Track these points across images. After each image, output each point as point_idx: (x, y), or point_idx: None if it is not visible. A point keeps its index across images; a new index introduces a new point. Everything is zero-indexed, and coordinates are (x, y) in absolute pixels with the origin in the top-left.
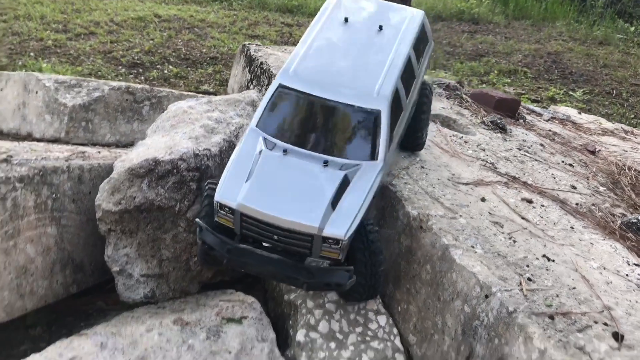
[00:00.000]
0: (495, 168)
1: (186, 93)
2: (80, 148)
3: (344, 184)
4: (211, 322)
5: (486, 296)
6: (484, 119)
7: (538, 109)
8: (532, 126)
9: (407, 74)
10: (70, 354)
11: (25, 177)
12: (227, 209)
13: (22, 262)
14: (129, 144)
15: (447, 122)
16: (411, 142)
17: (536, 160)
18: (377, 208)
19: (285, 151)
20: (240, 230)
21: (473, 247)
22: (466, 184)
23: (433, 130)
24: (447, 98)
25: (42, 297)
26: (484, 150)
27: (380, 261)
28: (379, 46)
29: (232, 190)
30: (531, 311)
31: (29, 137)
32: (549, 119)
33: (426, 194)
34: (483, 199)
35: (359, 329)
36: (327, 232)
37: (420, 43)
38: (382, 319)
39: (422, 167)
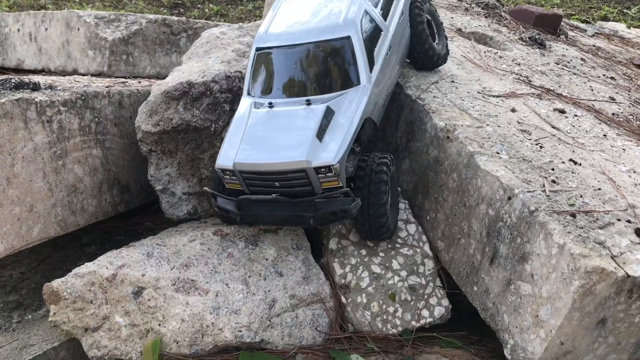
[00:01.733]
0: (530, 81)
1: (221, 24)
2: (122, 80)
3: (328, 114)
4: (249, 233)
5: (509, 198)
6: (522, 35)
7: (582, 25)
8: (574, 42)
9: (380, 1)
10: (119, 261)
11: (69, 100)
12: (229, 173)
13: (71, 180)
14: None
15: (483, 39)
16: (422, 58)
17: (575, 74)
18: (405, 122)
19: (270, 105)
20: (248, 188)
21: (498, 153)
22: (497, 96)
23: (467, 47)
24: (485, 17)
25: (92, 215)
26: (519, 64)
27: (381, 201)
28: None
29: (229, 155)
30: (552, 210)
31: (74, 74)
32: (594, 35)
33: (454, 106)
34: (513, 110)
35: None
36: (317, 162)
37: None
38: (412, 227)
39: (452, 81)
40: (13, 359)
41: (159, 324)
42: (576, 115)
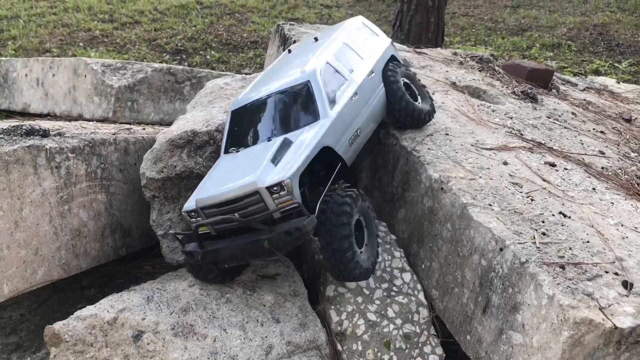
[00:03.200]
0: (522, 135)
1: (224, 73)
2: (126, 126)
3: (285, 144)
4: (247, 279)
5: (501, 249)
6: (514, 89)
7: (573, 79)
8: (565, 96)
9: (346, 55)
10: (120, 305)
11: (77, 147)
12: (194, 214)
13: (76, 225)
14: (172, 123)
15: (476, 93)
16: (403, 115)
17: (565, 127)
18: (401, 172)
19: (237, 150)
20: (213, 228)
21: (490, 205)
22: (489, 149)
23: (461, 100)
24: (480, 70)
25: (94, 258)
26: (511, 118)
27: (343, 234)
28: (311, 49)
29: (192, 198)
30: (542, 261)
31: (79, 119)
32: (584, 89)
33: (448, 158)
34: (505, 163)
35: (384, 285)
36: (268, 181)
37: (361, 35)
38: (407, 276)
39: (447, 134)
40: None
41: None
42: (566, 169)
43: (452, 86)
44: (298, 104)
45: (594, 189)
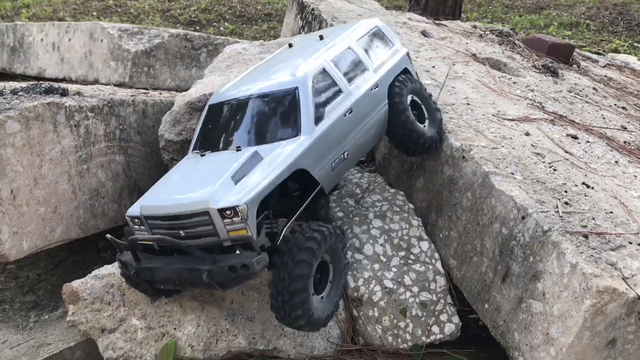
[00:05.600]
0: (543, 107)
1: (240, 41)
2: (143, 90)
3: (253, 159)
4: None
5: (523, 217)
6: (535, 63)
7: (594, 56)
8: (586, 72)
9: (349, 63)
10: None
11: (96, 107)
12: (138, 221)
13: (94, 185)
14: (188, 89)
15: (497, 65)
16: (406, 140)
17: (587, 102)
18: None
19: (203, 154)
20: (157, 244)
21: (512, 174)
22: (511, 119)
23: (482, 72)
24: (499, 44)
25: (112, 219)
26: (532, 91)
27: (299, 273)
28: (313, 49)
29: (139, 202)
30: (565, 230)
31: (95, 84)
32: (605, 66)
33: (470, 127)
34: (527, 133)
35: (402, 253)
36: (222, 203)
37: (372, 42)
38: (425, 245)
39: (468, 104)
40: (30, 357)
41: (175, 328)
42: (588, 142)
43: (472, 57)
44: (280, 112)
45: (616, 162)
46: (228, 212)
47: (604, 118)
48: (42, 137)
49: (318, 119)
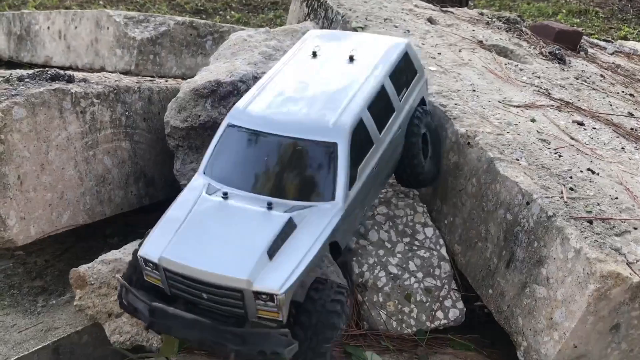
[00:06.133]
0: (549, 94)
1: (246, 29)
2: (149, 78)
3: (288, 228)
4: None
5: (527, 203)
6: (542, 49)
7: (602, 43)
8: (593, 58)
9: (381, 106)
10: None
11: (102, 93)
12: (152, 265)
13: (100, 171)
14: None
15: (503, 52)
16: (407, 173)
17: (594, 89)
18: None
19: (225, 195)
20: (170, 290)
21: (517, 159)
22: (517, 106)
23: (488, 58)
24: (506, 31)
25: (118, 205)
26: (539, 77)
27: (327, 337)
28: (345, 78)
29: (158, 244)
30: (570, 215)
31: (102, 71)
32: (613, 53)
33: (475, 113)
34: (533, 120)
35: (406, 239)
36: (258, 285)
37: (401, 74)
38: (429, 231)
39: (474, 90)
40: (38, 341)
41: None
42: (594, 128)
43: (479, 44)
44: (314, 166)
45: (622, 148)
46: (264, 295)
47: (611, 105)
48: (48, 123)
49: (352, 181)
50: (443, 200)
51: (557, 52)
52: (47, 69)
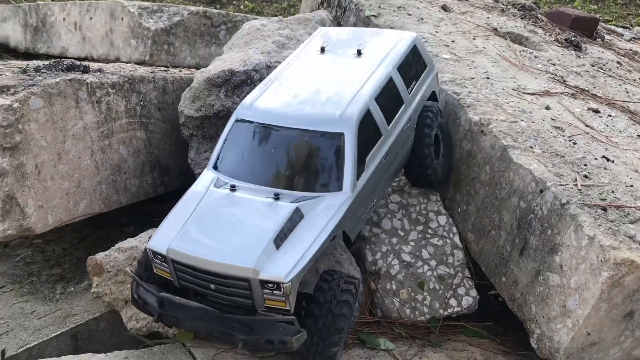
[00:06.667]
0: (564, 81)
1: (260, 18)
2: (163, 68)
3: (295, 218)
4: None
5: (541, 191)
6: (558, 36)
7: (619, 30)
8: (610, 45)
9: (389, 98)
10: None
11: (117, 83)
12: (160, 257)
13: (116, 160)
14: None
15: (518, 40)
16: (418, 173)
17: (610, 76)
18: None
19: (233, 188)
20: (179, 282)
21: (531, 147)
22: (532, 93)
23: (502, 46)
24: (522, 18)
25: (134, 194)
26: (554, 65)
27: (338, 328)
28: (352, 71)
29: (166, 236)
30: (584, 203)
31: (116, 62)
32: (631, 39)
33: (489, 101)
34: (547, 107)
35: (419, 227)
36: (265, 274)
37: (410, 66)
38: (442, 219)
39: (488, 78)
40: (57, 327)
41: None
42: (610, 115)
43: (493, 32)
44: (320, 157)
45: (638, 135)
46: (270, 284)
47: (628, 92)
48: (64, 113)
49: (360, 171)
50: (456, 189)
51: (572, 39)
52: (63, 59)
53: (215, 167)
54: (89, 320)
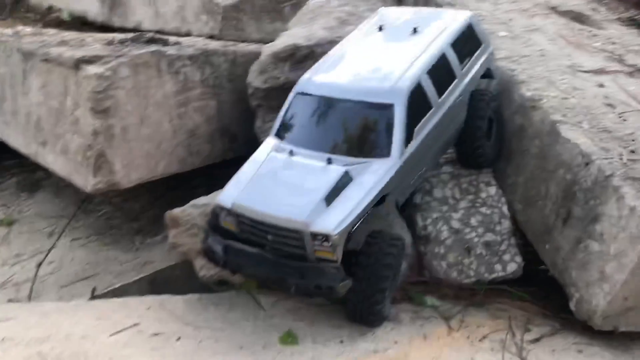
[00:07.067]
0: (622, 60)
1: None
2: (232, 42)
3: (345, 180)
4: None
5: (587, 164)
6: (620, 15)
7: None
8: None
9: (441, 72)
10: None
11: (193, 55)
12: (226, 211)
13: (190, 126)
14: (273, 41)
15: (579, 18)
16: (467, 154)
17: None
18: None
19: (291, 153)
20: (241, 233)
21: (580, 122)
22: (586, 71)
23: (560, 24)
24: None
25: (206, 158)
26: (613, 43)
27: (380, 287)
28: (407, 47)
29: (232, 193)
30: (627, 176)
31: (187, 36)
32: None
33: (542, 78)
34: (601, 85)
35: (470, 197)
36: (315, 227)
37: (464, 44)
38: (492, 189)
39: (542, 55)
40: (137, 272)
41: None
42: None
43: (552, 10)
44: (372, 125)
45: None
46: (320, 236)
47: None
48: (147, 82)
49: (408, 140)
50: (507, 161)
51: (636, 17)
52: (144, 32)
53: (276, 135)
54: (166, 268)
